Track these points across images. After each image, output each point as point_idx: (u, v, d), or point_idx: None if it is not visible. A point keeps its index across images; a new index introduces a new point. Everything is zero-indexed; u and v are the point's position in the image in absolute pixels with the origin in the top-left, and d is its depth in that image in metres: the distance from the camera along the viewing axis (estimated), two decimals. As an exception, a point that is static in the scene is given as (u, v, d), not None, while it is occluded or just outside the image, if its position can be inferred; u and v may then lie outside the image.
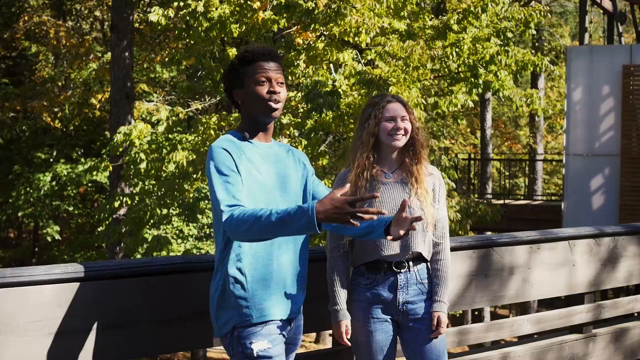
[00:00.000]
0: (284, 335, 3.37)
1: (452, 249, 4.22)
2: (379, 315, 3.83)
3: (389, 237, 3.41)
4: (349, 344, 3.89)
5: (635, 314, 6.89)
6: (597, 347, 5.59)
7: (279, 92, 3.38)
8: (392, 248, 3.80)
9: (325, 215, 2.93)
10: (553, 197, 28.53)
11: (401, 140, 3.88)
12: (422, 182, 3.88)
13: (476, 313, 26.03)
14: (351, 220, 2.93)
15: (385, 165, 3.92)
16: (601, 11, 23.28)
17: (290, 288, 3.39)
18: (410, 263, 3.84)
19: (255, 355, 3.26)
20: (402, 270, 3.83)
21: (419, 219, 3.33)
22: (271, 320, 3.31)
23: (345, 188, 2.94)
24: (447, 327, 4.01)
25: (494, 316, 26.75)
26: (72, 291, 3.30)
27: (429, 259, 3.92)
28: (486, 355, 4.91)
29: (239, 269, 3.28)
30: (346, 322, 3.86)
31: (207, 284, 3.62)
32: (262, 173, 3.36)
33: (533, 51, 13.30)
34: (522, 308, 23.73)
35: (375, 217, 2.94)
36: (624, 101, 16.28)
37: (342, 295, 3.85)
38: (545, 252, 5.17)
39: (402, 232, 3.38)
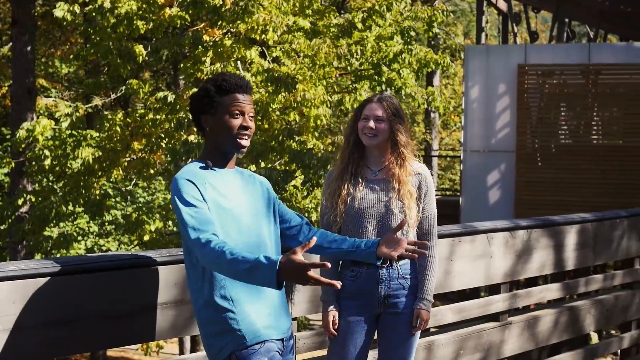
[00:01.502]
0: (279, 353, 3.35)
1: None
2: (358, 307, 3.97)
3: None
4: (335, 334, 4.00)
5: (546, 302, 7.22)
6: (513, 334, 5.87)
7: (251, 127, 3.40)
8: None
9: (286, 277, 2.94)
10: (448, 193, 29.21)
11: (372, 140, 3.99)
12: (406, 184, 3.97)
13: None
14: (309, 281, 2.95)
15: (371, 164, 4.06)
16: (496, 11, 23.95)
17: (278, 307, 3.40)
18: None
19: None
20: (385, 265, 3.96)
21: (415, 247, 3.45)
22: (267, 340, 3.30)
23: (310, 244, 2.96)
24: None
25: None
26: (26, 288, 3.32)
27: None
28: (413, 344, 5.10)
29: (224, 296, 3.27)
30: (334, 313, 3.98)
31: (155, 279, 3.70)
32: (230, 200, 3.36)
33: (429, 49, 13.58)
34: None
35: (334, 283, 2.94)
36: (519, 99, 16.84)
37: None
38: (465, 245, 5.40)
39: (394, 254, 3.45)
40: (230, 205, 3.35)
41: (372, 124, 3.97)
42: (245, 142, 3.40)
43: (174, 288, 3.75)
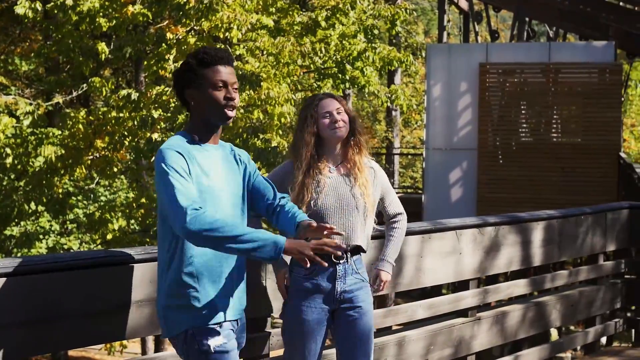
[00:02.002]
0: (233, 331, 3.43)
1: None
2: (316, 304, 3.97)
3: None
4: (287, 296, 4.00)
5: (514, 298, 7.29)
6: (482, 329, 5.93)
7: (235, 99, 3.41)
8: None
9: (289, 253, 3.20)
10: (409, 190, 29.35)
11: (342, 130, 4.04)
12: (364, 171, 4.06)
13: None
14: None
15: (329, 160, 4.08)
16: (457, 10, 24.11)
17: (238, 289, 3.47)
18: (349, 254, 4.00)
19: (213, 350, 3.30)
20: (340, 262, 3.99)
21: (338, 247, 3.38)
22: (224, 322, 3.37)
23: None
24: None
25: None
26: (1, 286, 3.30)
27: (366, 250, 4.12)
28: (384, 340, 5.14)
29: (190, 273, 3.32)
30: (285, 271, 4.00)
31: (130, 276, 3.68)
32: (210, 176, 3.38)
33: (392, 48, 13.67)
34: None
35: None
36: (480, 97, 16.98)
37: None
38: (435, 242, 5.45)
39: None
40: (209, 182, 3.37)
41: (338, 117, 4.02)
42: (232, 113, 3.42)
43: (150, 285, 3.73)
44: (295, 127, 4.18)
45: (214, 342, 3.30)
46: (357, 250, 4.06)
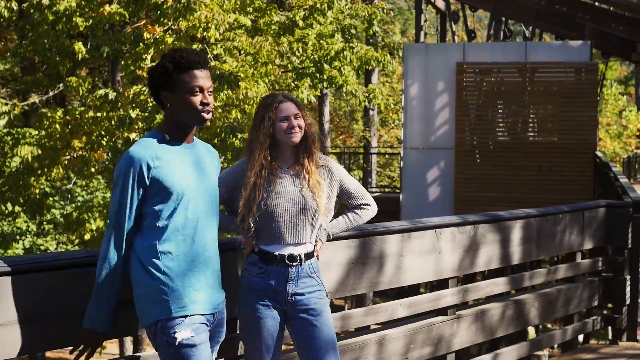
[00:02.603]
0: (207, 325, 3.48)
1: (333, 239, 4.40)
2: (268, 303, 3.98)
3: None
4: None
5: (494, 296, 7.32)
6: (462, 327, 5.95)
7: (210, 103, 3.48)
8: (286, 246, 3.97)
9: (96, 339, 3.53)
10: (386, 189, 29.42)
11: (297, 137, 4.05)
12: (314, 174, 4.07)
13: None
14: None
15: (282, 162, 4.09)
16: (434, 10, 24.19)
17: (212, 284, 3.53)
18: (303, 257, 4.02)
19: (178, 344, 3.35)
20: (294, 264, 4.00)
21: None
22: (194, 315, 3.42)
23: None
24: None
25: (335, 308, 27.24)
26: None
27: (317, 256, 4.14)
28: (365, 339, 5.14)
29: (161, 265, 3.39)
30: (251, 240, 4.03)
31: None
32: (177, 175, 3.45)
33: (369, 47, 13.72)
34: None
35: None
36: (457, 97, 17.06)
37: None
38: (415, 241, 5.46)
39: None
40: (177, 180, 3.44)
41: (295, 122, 4.03)
42: (208, 116, 3.49)
43: (129, 285, 3.71)
44: (252, 125, 4.18)
45: (181, 335, 3.36)
46: (311, 253, 4.08)
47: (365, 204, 4.36)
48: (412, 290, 12.60)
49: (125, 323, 3.75)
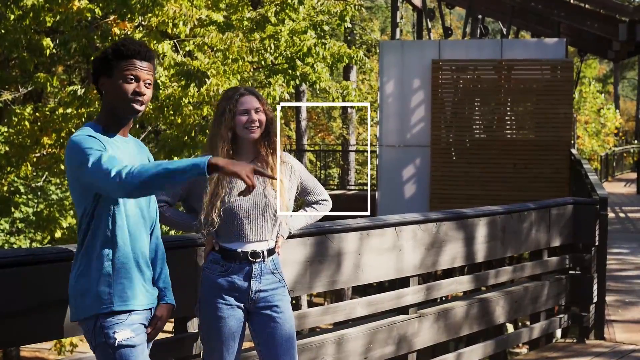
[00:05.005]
0: (145, 325, 3.41)
1: (288, 237, 4.32)
2: (232, 302, 3.90)
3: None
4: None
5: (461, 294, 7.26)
6: (424, 326, 5.87)
7: (145, 94, 3.38)
8: (249, 243, 3.89)
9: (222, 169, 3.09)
10: (365, 187, 29.35)
11: (256, 132, 3.97)
12: (277, 172, 3.99)
13: (293, 302, 26.43)
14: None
15: (243, 156, 4.00)
16: (411, 7, 24.14)
17: (148, 279, 3.45)
18: (265, 253, 3.94)
19: (117, 345, 3.27)
20: (257, 260, 3.92)
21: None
22: (134, 310, 3.33)
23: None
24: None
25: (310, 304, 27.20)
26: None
27: (278, 253, 4.07)
28: (322, 338, 5.06)
29: (103, 257, 3.29)
30: (211, 237, 3.98)
31: (52, 275, 3.57)
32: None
33: (342, 44, 13.67)
34: (337, 295, 24.23)
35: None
36: (433, 94, 17.00)
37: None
38: (374, 239, 5.38)
39: None
40: None
41: (255, 117, 3.95)
42: (139, 107, 3.38)
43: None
44: (212, 119, 4.09)
45: (120, 336, 3.28)
46: (273, 250, 4.00)
47: (323, 200, 4.34)
48: (383, 289, 12.52)
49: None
